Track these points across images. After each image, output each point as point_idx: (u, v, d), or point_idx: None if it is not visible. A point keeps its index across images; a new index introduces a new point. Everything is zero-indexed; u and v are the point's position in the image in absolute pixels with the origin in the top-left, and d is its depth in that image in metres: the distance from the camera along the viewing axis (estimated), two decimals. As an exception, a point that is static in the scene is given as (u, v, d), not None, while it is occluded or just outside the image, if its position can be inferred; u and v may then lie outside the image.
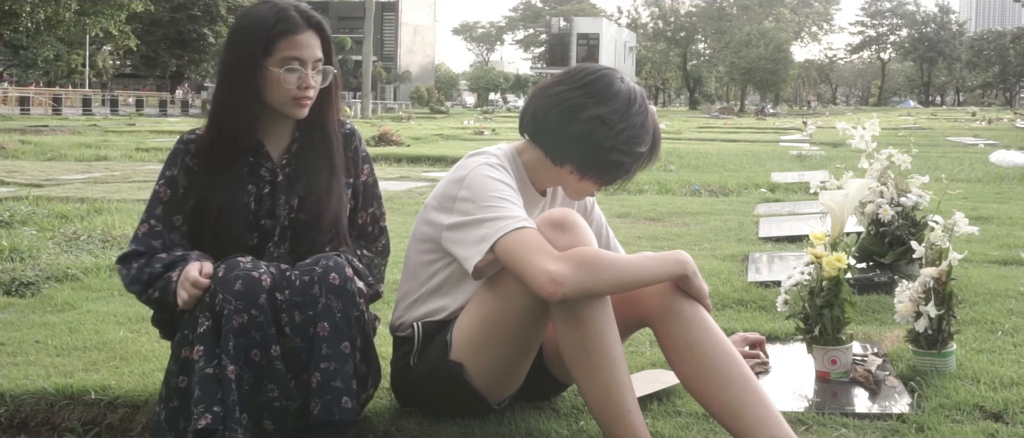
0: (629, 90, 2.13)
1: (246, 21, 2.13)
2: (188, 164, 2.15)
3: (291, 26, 2.09)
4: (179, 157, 2.15)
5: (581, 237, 1.96)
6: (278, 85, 2.10)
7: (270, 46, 2.08)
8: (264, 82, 2.10)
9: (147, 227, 2.13)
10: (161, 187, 2.15)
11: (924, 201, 3.59)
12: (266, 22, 2.09)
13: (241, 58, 2.09)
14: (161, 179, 2.16)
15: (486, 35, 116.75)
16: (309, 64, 2.11)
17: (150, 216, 2.14)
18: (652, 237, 5.23)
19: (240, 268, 1.95)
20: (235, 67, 2.10)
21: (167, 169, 2.16)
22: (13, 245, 4.71)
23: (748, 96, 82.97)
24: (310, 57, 2.12)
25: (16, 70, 48.90)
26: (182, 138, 2.18)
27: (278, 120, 2.17)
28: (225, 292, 1.91)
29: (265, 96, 2.11)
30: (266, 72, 2.09)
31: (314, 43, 2.13)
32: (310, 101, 2.15)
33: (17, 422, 2.39)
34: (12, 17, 37.20)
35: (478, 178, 2.05)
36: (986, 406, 2.27)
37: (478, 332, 2.05)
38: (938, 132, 20.77)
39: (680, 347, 2.00)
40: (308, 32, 2.12)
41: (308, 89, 2.12)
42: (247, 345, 1.92)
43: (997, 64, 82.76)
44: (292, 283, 1.97)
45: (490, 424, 2.19)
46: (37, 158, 12.59)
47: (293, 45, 2.09)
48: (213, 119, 2.15)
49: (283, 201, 2.16)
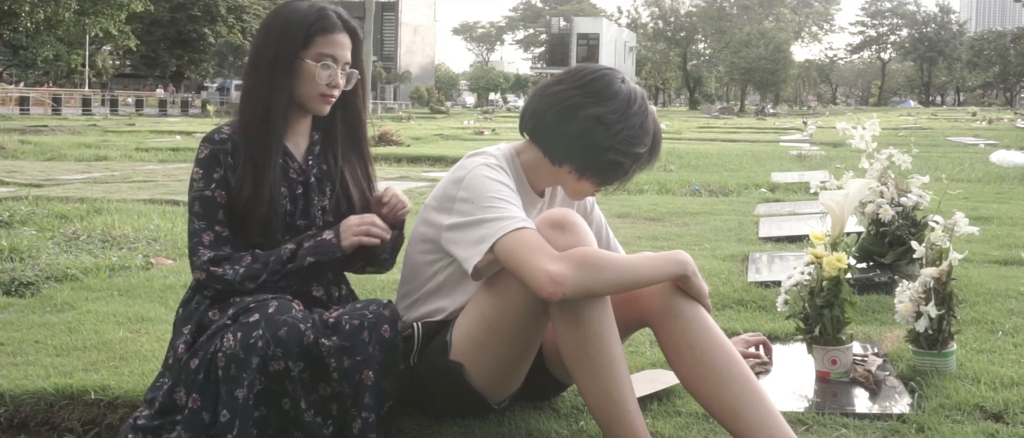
0: (629, 91, 2.13)
1: (284, 15, 2.15)
2: (230, 163, 2.10)
3: (330, 25, 2.14)
4: (220, 157, 2.09)
5: (580, 237, 1.95)
6: (310, 79, 2.12)
7: (308, 40, 2.11)
8: (296, 75, 2.11)
9: (213, 235, 2.07)
10: (214, 191, 2.07)
11: (924, 201, 3.59)
12: (307, 17, 2.13)
13: (279, 50, 2.11)
14: (210, 183, 2.08)
15: (486, 35, 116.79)
16: (340, 64, 2.15)
17: (213, 222, 2.07)
18: (652, 237, 5.23)
19: (290, 315, 1.91)
20: (272, 58, 2.11)
21: (211, 172, 2.09)
22: (13, 245, 4.71)
23: (748, 96, 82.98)
24: (342, 58, 2.16)
25: (16, 70, 48.89)
26: (213, 138, 2.12)
27: (298, 118, 2.18)
28: (269, 331, 1.87)
29: (294, 89, 2.12)
30: (301, 64, 2.11)
31: (347, 45, 2.17)
32: (334, 100, 2.17)
33: (17, 422, 2.39)
34: (12, 17, 37.22)
35: (477, 179, 2.05)
36: (986, 406, 2.27)
37: (478, 332, 2.05)
38: (938, 132, 20.77)
39: (680, 347, 2.00)
40: (344, 34, 2.16)
41: (335, 88, 2.15)
42: (278, 393, 1.90)
43: (997, 64, 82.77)
44: (341, 328, 1.94)
45: (490, 424, 2.19)
46: (37, 158, 12.59)
47: (330, 43, 2.13)
48: (246, 114, 2.13)
49: (316, 202, 2.17)
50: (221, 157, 2.10)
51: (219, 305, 2.06)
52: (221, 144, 2.11)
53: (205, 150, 2.11)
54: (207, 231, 2.07)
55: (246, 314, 1.92)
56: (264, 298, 1.98)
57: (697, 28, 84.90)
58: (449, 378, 2.09)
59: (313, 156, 2.20)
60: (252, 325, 1.88)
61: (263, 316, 1.89)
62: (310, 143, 2.22)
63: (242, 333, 1.87)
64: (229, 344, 1.88)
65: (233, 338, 1.88)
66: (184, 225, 5.63)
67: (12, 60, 47.04)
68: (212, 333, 1.95)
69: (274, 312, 1.90)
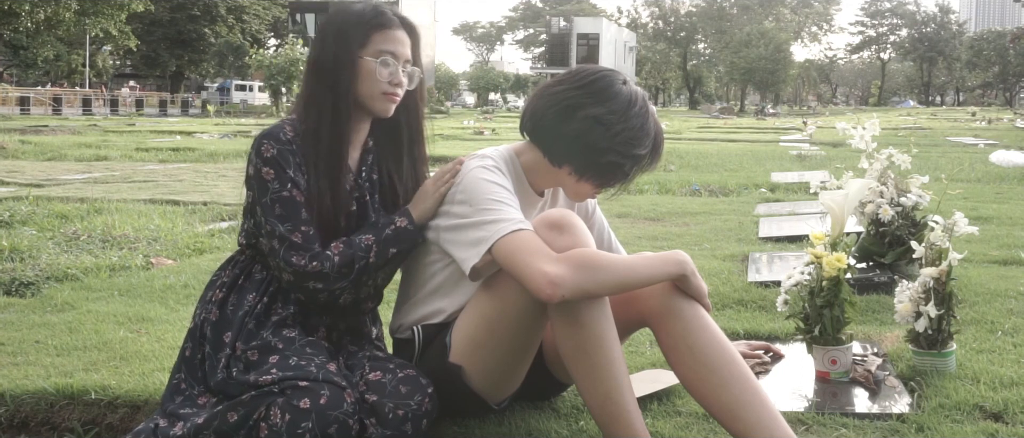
0: (630, 92, 2.13)
1: (339, 17, 2.12)
2: (297, 164, 2.05)
3: (386, 21, 2.11)
4: (289, 158, 2.03)
5: (578, 238, 1.95)
6: (371, 77, 2.08)
7: (365, 38, 2.08)
8: (356, 75, 2.08)
9: (301, 234, 2.01)
10: (292, 191, 2.02)
11: (924, 201, 3.59)
12: (363, 15, 2.10)
13: (337, 51, 2.08)
14: (285, 183, 2.02)
15: (486, 35, 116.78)
16: (401, 61, 2.11)
17: (299, 223, 2.01)
18: (652, 237, 5.23)
19: (342, 409, 1.86)
20: (331, 59, 2.08)
21: (284, 171, 2.02)
22: (13, 245, 4.71)
23: (748, 96, 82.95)
24: (402, 54, 2.12)
25: (16, 70, 48.89)
26: (279, 138, 2.04)
27: (358, 124, 2.14)
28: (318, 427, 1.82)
29: (355, 89, 2.09)
30: (360, 63, 2.08)
31: (406, 42, 2.14)
32: (398, 99, 2.12)
33: (17, 422, 2.39)
34: (12, 17, 37.21)
35: (474, 181, 2.05)
36: (986, 406, 2.27)
37: (477, 333, 2.05)
38: (938, 132, 20.76)
39: (679, 347, 2.00)
40: (401, 30, 2.13)
41: (398, 86, 2.11)
42: None
43: (997, 64, 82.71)
44: (383, 414, 1.93)
45: (490, 424, 2.20)
46: (37, 158, 12.59)
47: (388, 39, 2.10)
48: (309, 122, 2.07)
49: (371, 215, 2.14)
50: (290, 158, 2.04)
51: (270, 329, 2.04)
52: (288, 145, 2.04)
53: (272, 148, 2.03)
54: (295, 232, 2.01)
55: (296, 392, 1.86)
56: (315, 375, 1.90)
57: (697, 28, 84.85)
58: (449, 380, 2.08)
59: (366, 166, 2.16)
60: (302, 413, 1.83)
61: (314, 407, 1.84)
62: (363, 151, 2.17)
63: (291, 416, 1.83)
64: (275, 421, 1.84)
65: (280, 417, 1.84)
66: (185, 225, 5.69)
67: (12, 60, 47.02)
68: (257, 395, 1.90)
69: (326, 405, 1.85)
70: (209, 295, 2.13)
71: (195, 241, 5.17)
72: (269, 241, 2.02)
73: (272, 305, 2.09)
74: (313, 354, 1.99)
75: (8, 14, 36.98)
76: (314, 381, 1.89)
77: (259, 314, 2.07)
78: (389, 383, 1.99)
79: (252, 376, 1.94)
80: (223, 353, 2.03)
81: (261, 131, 2.08)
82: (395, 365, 2.07)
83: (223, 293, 2.11)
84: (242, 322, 2.05)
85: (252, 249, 2.13)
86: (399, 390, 1.97)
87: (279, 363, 1.95)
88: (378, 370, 2.04)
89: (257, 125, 25.04)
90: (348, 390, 1.92)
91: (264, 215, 2.03)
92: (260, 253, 2.11)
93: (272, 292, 2.10)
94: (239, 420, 1.89)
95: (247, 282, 2.12)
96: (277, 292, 2.10)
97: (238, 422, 1.89)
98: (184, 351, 2.10)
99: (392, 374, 2.02)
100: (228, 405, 1.91)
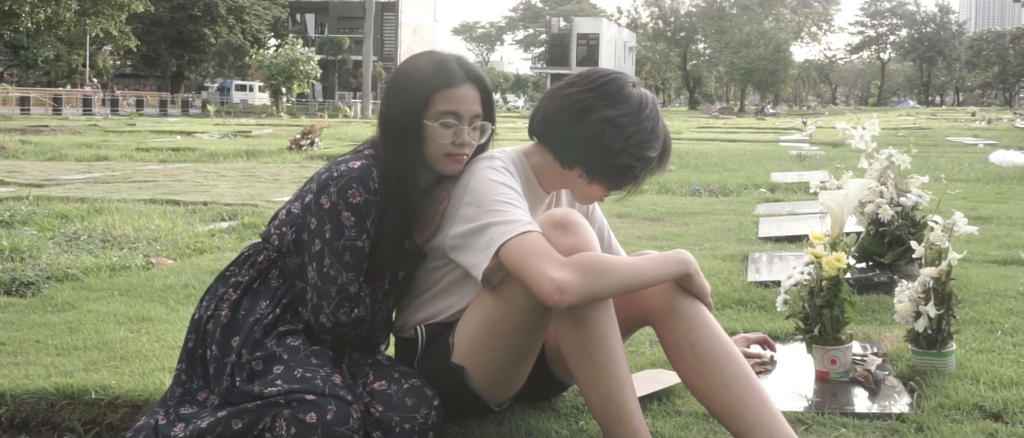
0: (641, 95, 2.13)
1: (405, 75, 2.08)
2: (375, 216, 2.03)
3: (449, 79, 2.05)
4: (373, 210, 2.02)
5: (583, 238, 1.95)
6: (434, 141, 2.04)
7: (428, 100, 2.03)
8: (419, 139, 2.04)
9: (358, 285, 2.03)
10: (365, 243, 2.02)
11: (924, 201, 3.59)
12: (425, 75, 2.05)
13: (403, 114, 2.05)
14: (362, 233, 2.01)
15: (486, 35, 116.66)
16: (466, 119, 2.06)
17: (359, 274, 2.02)
18: (652, 237, 5.23)
19: (348, 426, 1.87)
20: (397, 123, 2.05)
21: (364, 221, 2.01)
22: (13, 245, 4.71)
23: (748, 96, 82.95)
24: (467, 112, 2.06)
25: (17, 70, 48.89)
26: (368, 186, 2.02)
27: (427, 174, 2.11)
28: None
29: (422, 151, 2.06)
30: (423, 127, 2.04)
31: (473, 97, 2.08)
32: (466, 158, 2.08)
33: (17, 422, 2.39)
34: (12, 17, 37.22)
35: (482, 182, 2.04)
36: (986, 406, 2.28)
37: (480, 334, 2.05)
38: (938, 132, 20.77)
39: (681, 346, 2.00)
40: (466, 85, 2.07)
41: (464, 146, 2.06)
42: None
43: (997, 64, 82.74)
44: (389, 427, 1.94)
45: (490, 424, 2.20)
46: (37, 158, 12.58)
47: (450, 99, 2.04)
48: (385, 173, 2.05)
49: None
50: (372, 211, 2.02)
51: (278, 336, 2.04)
52: (374, 195, 2.02)
53: (359, 195, 2.01)
54: (354, 283, 2.01)
55: (302, 406, 1.87)
56: (321, 388, 1.91)
57: (697, 28, 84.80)
58: (450, 381, 2.08)
59: None
60: (309, 427, 1.84)
61: (321, 422, 1.85)
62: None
63: (297, 430, 1.84)
64: (281, 433, 1.85)
65: (286, 430, 1.85)
66: (185, 225, 5.69)
67: (13, 60, 47.02)
68: (263, 405, 1.90)
69: (332, 421, 1.85)
70: (221, 291, 2.11)
71: (195, 241, 5.17)
72: (324, 284, 2.01)
73: (282, 316, 2.08)
74: (318, 365, 1.98)
75: (8, 14, 36.99)
76: (321, 395, 1.89)
77: (268, 324, 2.06)
78: (395, 395, 1.99)
79: (256, 387, 1.94)
80: (229, 359, 2.02)
81: (349, 169, 2.03)
82: (400, 374, 2.06)
83: (238, 294, 2.10)
84: (251, 329, 2.04)
85: (277, 253, 2.11)
86: (405, 403, 1.97)
87: (284, 374, 1.95)
88: (383, 379, 2.04)
89: (257, 125, 25.04)
90: (355, 405, 1.91)
91: (330, 257, 2.01)
92: (282, 258, 2.10)
93: (285, 304, 2.09)
94: (243, 429, 1.88)
95: (263, 287, 2.10)
96: (289, 305, 2.09)
97: (242, 430, 1.89)
98: (187, 342, 2.10)
99: (398, 384, 2.02)
100: (232, 412, 1.91)
